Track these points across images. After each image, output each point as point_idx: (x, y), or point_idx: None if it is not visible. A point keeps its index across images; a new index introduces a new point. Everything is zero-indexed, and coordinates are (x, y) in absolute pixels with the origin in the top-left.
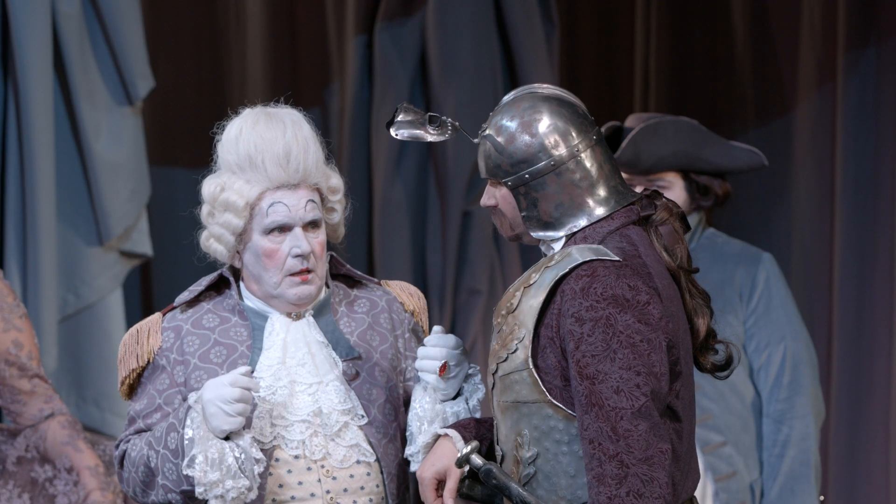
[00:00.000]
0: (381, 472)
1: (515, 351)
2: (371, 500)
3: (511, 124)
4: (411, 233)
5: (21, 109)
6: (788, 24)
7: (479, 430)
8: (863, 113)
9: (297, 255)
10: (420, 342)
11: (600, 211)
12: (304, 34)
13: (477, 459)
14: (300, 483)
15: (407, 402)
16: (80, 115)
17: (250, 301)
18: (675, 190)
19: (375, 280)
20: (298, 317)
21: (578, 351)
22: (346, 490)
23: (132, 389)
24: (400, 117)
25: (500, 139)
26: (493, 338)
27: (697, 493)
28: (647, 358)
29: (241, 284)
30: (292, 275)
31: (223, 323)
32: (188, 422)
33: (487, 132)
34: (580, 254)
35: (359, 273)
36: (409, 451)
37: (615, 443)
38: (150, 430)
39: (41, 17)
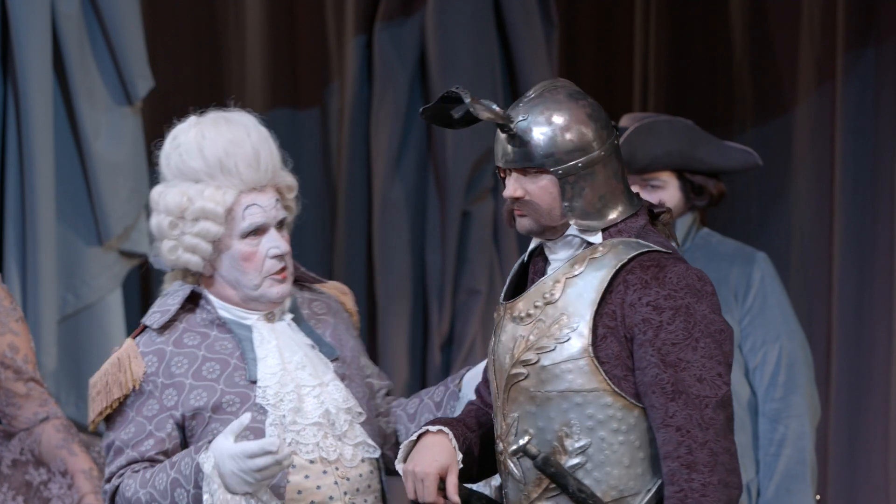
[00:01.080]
0: (381, 469)
1: (568, 340)
2: (376, 498)
3: (565, 113)
4: (410, 233)
5: (21, 109)
6: (787, 23)
7: (461, 429)
8: (862, 113)
9: (276, 256)
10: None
11: (630, 206)
12: (303, 34)
13: (532, 448)
14: (319, 487)
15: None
16: (80, 115)
17: (226, 311)
18: (669, 189)
19: (321, 280)
20: (273, 318)
21: (658, 339)
22: (358, 490)
23: (107, 420)
24: (469, 98)
25: (552, 127)
26: (515, 329)
27: None
28: (723, 347)
29: (210, 295)
30: (271, 275)
31: (205, 339)
32: (205, 487)
33: (535, 120)
34: (628, 245)
35: (311, 275)
36: None
37: (704, 431)
38: (142, 459)
39: (41, 18)
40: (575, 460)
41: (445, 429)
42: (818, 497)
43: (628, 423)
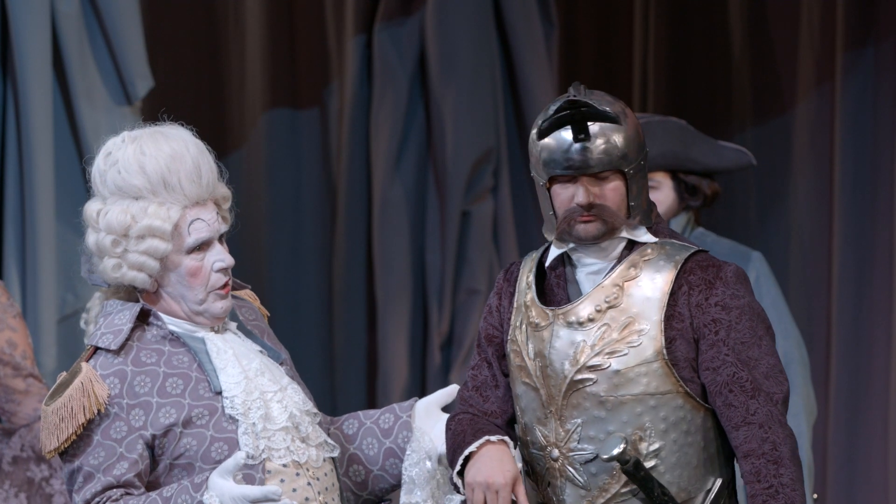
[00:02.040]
0: (337, 467)
1: (640, 344)
2: (339, 496)
3: (625, 114)
4: (410, 233)
5: (20, 109)
6: (787, 23)
7: (512, 439)
8: (861, 112)
9: (221, 269)
10: None
11: (651, 206)
12: (303, 34)
13: (626, 454)
14: (294, 490)
15: None
16: (79, 115)
17: (175, 326)
18: (663, 190)
19: (243, 286)
20: (220, 329)
21: (731, 338)
22: (326, 489)
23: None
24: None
25: (625, 127)
26: (571, 334)
27: None
28: (774, 343)
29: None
30: (215, 290)
31: (161, 356)
32: None
33: (608, 123)
34: (674, 246)
35: (237, 281)
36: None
37: (783, 427)
38: (118, 484)
39: (40, 17)
40: (649, 463)
41: (507, 438)
42: (815, 496)
43: (696, 423)
